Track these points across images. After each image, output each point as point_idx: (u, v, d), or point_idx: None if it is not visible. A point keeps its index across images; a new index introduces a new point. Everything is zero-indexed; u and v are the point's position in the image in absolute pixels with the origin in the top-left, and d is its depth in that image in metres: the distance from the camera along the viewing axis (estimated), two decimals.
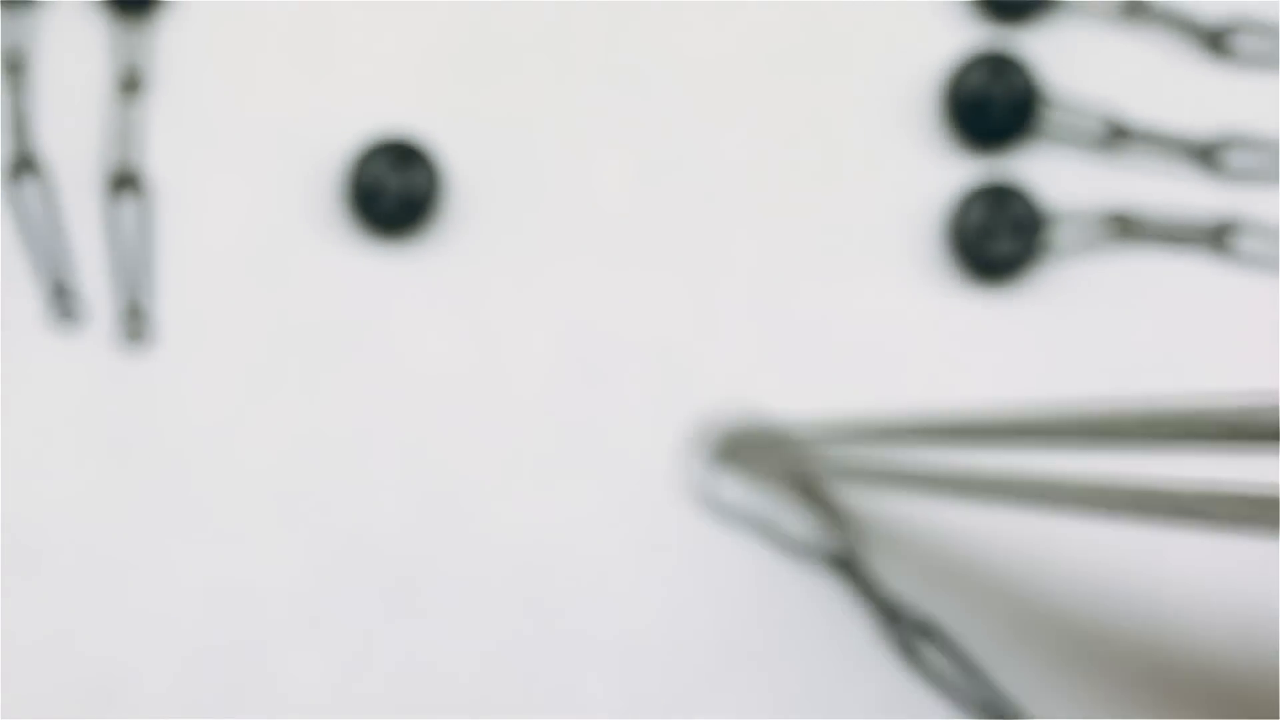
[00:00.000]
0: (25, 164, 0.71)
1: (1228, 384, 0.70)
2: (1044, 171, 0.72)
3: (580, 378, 0.71)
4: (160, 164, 0.71)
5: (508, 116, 0.72)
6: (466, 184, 0.71)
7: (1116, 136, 0.71)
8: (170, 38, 0.72)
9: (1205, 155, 0.72)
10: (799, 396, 0.71)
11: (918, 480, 0.59)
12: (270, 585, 0.69)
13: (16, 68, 0.71)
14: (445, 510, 0.70)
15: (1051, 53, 0.72)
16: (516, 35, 0.72)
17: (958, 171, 0.72)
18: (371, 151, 0.70)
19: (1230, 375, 0.71)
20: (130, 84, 0.72)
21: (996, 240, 0.70)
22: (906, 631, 0.70)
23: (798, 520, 0.69)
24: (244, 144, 0.72)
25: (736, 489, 0.70)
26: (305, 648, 0.69)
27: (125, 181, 0.71)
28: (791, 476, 0.69)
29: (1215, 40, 0.72)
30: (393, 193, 0.70)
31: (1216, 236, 0.71)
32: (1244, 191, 0.72)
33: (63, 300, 0.71)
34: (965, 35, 0.72)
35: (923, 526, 0.71)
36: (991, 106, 0.71)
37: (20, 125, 0.71)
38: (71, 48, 0.72)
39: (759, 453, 0.68)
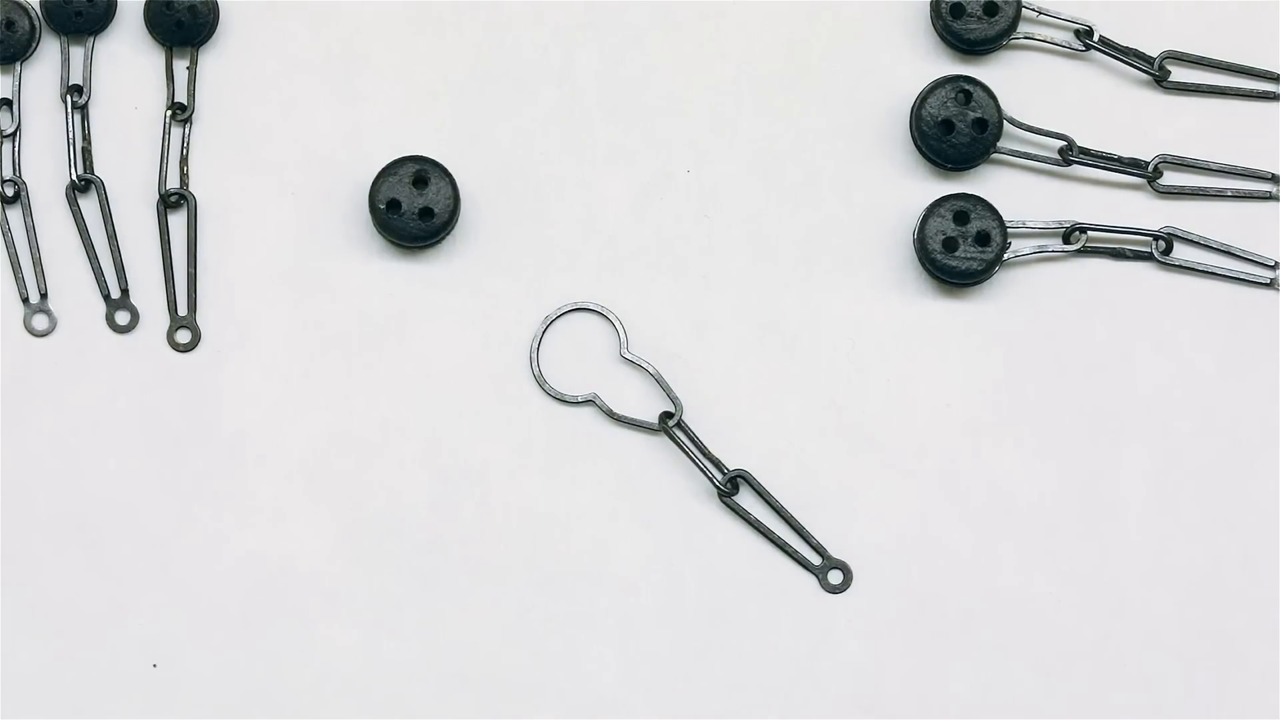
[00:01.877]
0: (86, 183, 0.72)
1: (1166, 378, 0.72)
2: (1003, 189, 0.72)
3: (583, 374, 0.72)
4: (206, 183, 0.72)
5: (517, 141, 0.73)
6: (480, 201, 0.72)
7: (1068, 157, 0.72)
8: (215, 70, 0.73)
9: (1147, 175, 0.72)
10: (781, 390, 0.72)
11: None
12: (306, 561, 0.70)
13: (78, 96, 0.72)
14: (463, 493, 0.70)
15: (1010, 82, 0.73)
16: (524, 70, 0.73)
17: (926, 189, 0.72)
18: (395, 171, 0.71)
19: (1168, 371, 0.72)
20: (179, 111, 0.72)
21: (960, 251, 0.71)
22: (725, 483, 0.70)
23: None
24: (281, 165, 0.72)
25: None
26: (338, 617, 0.70)
27: (175, 198, 0.72)
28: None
29: (1157, 72, 0.73)
30: (414, 208, 0.71)
31: (1157, 248, 0.72)
32: (1180, 207, 0.73)
33: (120, 306, 0.72)
34: (932, 67, 0.73)
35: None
36: (956, 130, 0.71)
37: (81, 148, 0.72)
38: (127, 78, 0.73)
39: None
